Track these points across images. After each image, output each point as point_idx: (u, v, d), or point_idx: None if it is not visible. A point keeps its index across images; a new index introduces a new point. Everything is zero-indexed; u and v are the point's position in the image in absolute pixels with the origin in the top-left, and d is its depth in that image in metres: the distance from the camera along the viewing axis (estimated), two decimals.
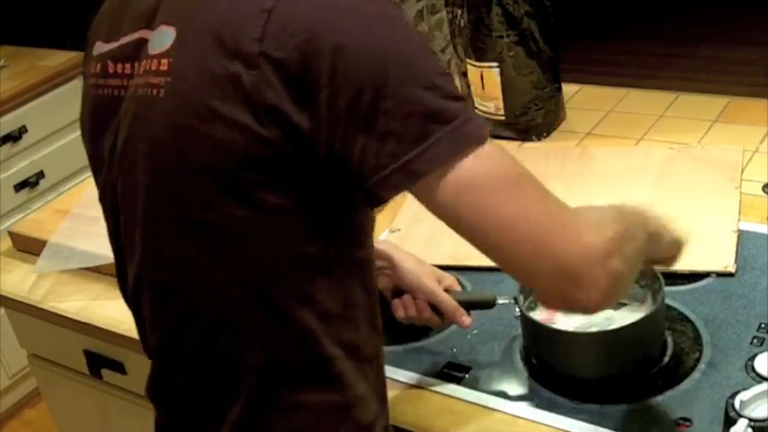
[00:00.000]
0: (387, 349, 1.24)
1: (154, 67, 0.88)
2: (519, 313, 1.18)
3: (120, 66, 0.94)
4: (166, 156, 0.87)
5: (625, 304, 1.21)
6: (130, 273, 0.98)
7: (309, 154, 0.82)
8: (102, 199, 1.03)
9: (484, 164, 0.82)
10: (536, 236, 0.82)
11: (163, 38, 0.88)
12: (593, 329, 1.17)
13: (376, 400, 0.99)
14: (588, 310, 0.87)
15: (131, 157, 0.92)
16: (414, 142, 0.80)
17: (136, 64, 0.92)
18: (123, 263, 1.01)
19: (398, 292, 1.18)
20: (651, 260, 1.02)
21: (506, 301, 1.18)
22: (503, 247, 0.83)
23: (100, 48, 0.98)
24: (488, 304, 1.19)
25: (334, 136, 0.80)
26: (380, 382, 1.02)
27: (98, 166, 1.01)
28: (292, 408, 0.93)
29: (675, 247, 1.06)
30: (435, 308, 1.17)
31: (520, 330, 1.23)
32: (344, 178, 0.83)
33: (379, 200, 0.83)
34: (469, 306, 1.18)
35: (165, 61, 0.87)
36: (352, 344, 0.94)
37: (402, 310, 1.17)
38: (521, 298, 1.18)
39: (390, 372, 1.22)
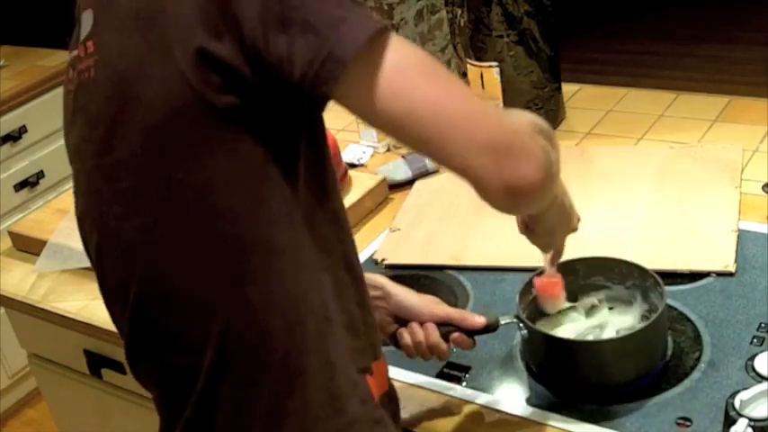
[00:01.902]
0: (387, 349, 1.24)
1: (83, 53, 0.91)
2: (524, 330, 1.16)
3: (74, 72, 0.95)
4: (105, 130, 0.88)
5: (612, 308, 1.20)
6: (96, 269, 0.99)
7: (245, 84, 0.82)
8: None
9: (402, 49, 0.83)
10: (467, 114, 0.83)
11: (85, 23, 0.91)
12: (590, 338, 1.17)
13: (356, 366, 0.95)
14: (529, 183, 0.85)
15: (80, 149, 0.93)
16: (330, 29, 0.80)
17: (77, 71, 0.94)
18: (90, 258, 1.01)
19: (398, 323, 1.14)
20: (562, 206, 1.04)
21: (510, 321, 1.15)
22: (437, 129, 0.83)
23: (69, 57, 0.99)
24: (491, 327, 1.15)
25: (260, 49, 0.80)
26: (367, 345, 0.99)
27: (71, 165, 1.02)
28: (257, 376, 0.91)
29: (575, 216, 1.08)
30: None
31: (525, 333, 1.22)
32: (287, 95, 0.83)
33: (320, 96, 0.82)
34: (472, 332, 1.14)
35: (90, 43, 0.90)
36: (321, 306, 0.92)
37: (408, 336, 1.12)
38: (521, 312, 1.16)
39: (390, 372, 1.22)
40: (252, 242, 0.88)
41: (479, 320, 1.12)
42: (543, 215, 1.04)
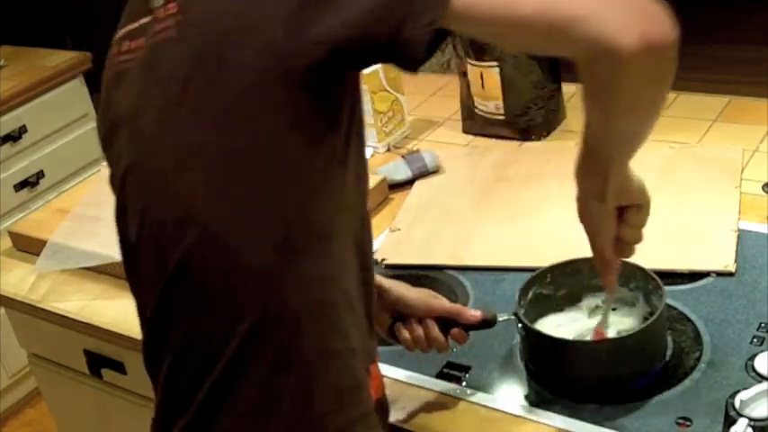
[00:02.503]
0: (387, 349, 1.24)
1: (162, 15, 0.90)
2: (521, 328, 1.16)
3: (134, 42, 0.95)
4: (182, 84, 0.87)
5: (615, 309, 1.20)
6: (132, 231, 0.96)
7: (341, 54, 0.82)
8: (111, 179, 1.01)
9: None
10: None
11: None
12: (588, 338, 1.17)
13: (368, 362, 0.97)
14: (666, 36, 0.79)
15: (143, 106, 0.92)
16: None
17: (149, 31, 0.93)
18: (126, 228, 0.99)
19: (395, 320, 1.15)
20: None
21: (508, 318, 1.16)
22: (552, 8, 0.78)
23: (118, 35, 0.99)
24: (489, 323, 1.15)
25: (365, 8, 0.80)
26: (370, 347, 1.00)
27: (106, 147, 1.00)
28: (288, 354, 0.90)
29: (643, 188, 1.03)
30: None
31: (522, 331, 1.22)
32: (380, 52, 0.83)
33: (424, 33, 0.80)
34: (469, 327, 1.15)
35: (172, 5, 0.89)
36: (349, 294, 0.93)
37: (406, 332, 1.13)
38: (520, 311, 1.16)
39: (390, 371, 1.22)
40: (307, 218, 0.88)
41: (476, 314, 1.13)
42: (632, 186, 1.00)
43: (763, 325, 1.19)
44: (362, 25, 0.81)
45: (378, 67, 1.75)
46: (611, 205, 0.99)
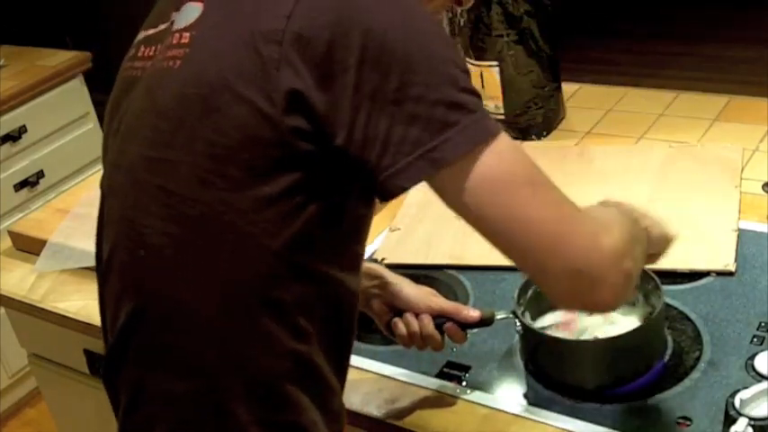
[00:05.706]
0: (387, 348, 1.24)
1: (175, 41, 0.88)
2: (519, 326, 1.16)
3: (148, 49, 0.93)
4: (170, 124, 0.86)
5: None
6: (105, 251, 0.95)
7: (323, 140, 0.81)
8: (101, 183, 1.00)
9: (504, 159, 0.82)
10: (555, 237, 0.82)
11: (189, 13, 0.89)
12: (585, 336, 1.16)
13: (336, 426, 0.94)
14: (604, 309, 0.93)
15: (133, 129, 0.90)
16: (439, 130, 0.80)
17: (160, 45, 0.91)
18: (101, 241, 0.98)
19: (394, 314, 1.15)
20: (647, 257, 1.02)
21: (506, 316, 1.16)
22: (522, 246, 0.83)
23: (139, 37, 0.97)
24: (487, 321, 1.15)
25: (357, 120, 0.79)
26: (338, 409, 0.96)
27: (105, 149, 0.99)
28: (238, 426, 0.87)
29: (664, 243, 1.06)
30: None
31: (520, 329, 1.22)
32: (356, 168, 0.82)
33: (397, 189, 0.81)
34: (467, 325, 1.15)
35: (186, 35, 0.88)
36: (310, 365, 0.90)
37: (403, 327, 1.12)
38: (519, 309, 1.16)
39: (390, 371, 1.22)
40: (252, 292, 0.86)
41: (474, 314, 1.13)
42: None
43: (763, 324, 1.19)
44: (347, 143, 0.81)
45: None
46: None
